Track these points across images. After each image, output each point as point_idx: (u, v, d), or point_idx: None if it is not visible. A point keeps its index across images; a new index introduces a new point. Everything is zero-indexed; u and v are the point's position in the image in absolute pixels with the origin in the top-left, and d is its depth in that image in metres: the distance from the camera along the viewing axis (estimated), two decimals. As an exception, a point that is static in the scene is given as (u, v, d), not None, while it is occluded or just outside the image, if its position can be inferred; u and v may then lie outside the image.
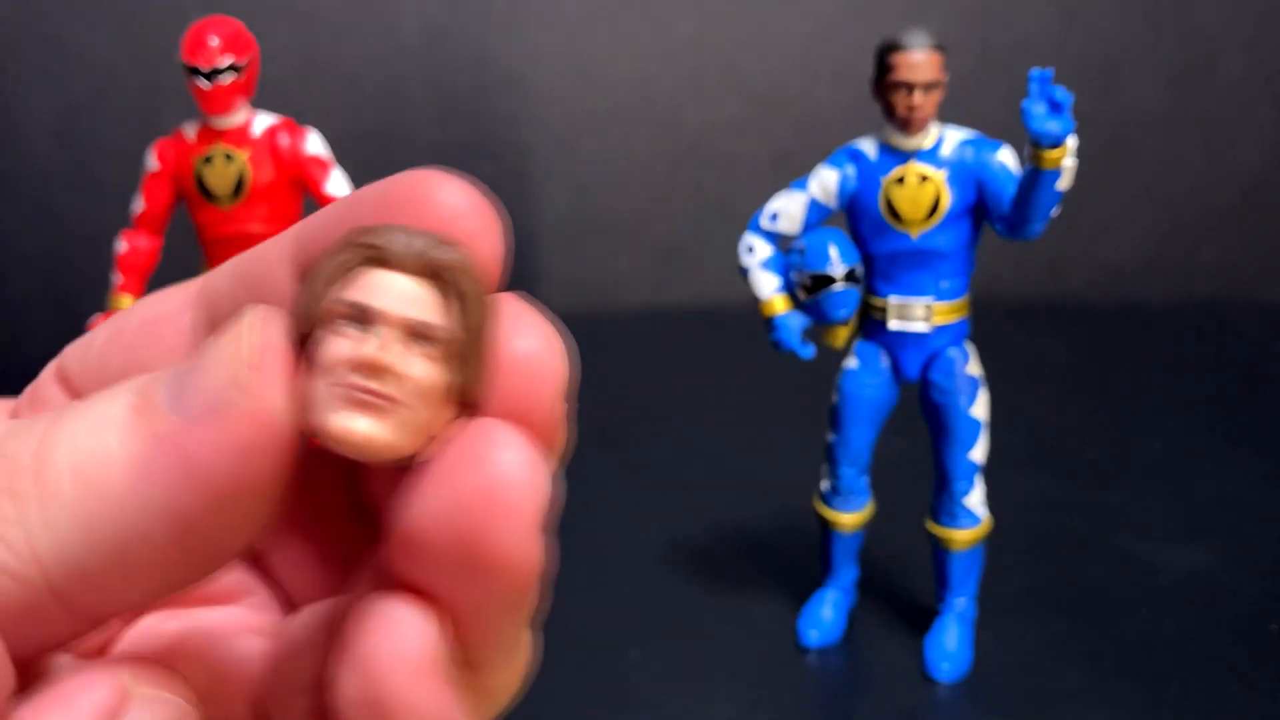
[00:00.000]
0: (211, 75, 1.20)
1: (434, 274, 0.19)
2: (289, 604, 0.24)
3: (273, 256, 0.22)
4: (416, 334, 0.19)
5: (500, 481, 0.18)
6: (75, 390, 0.23)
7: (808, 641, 1.23)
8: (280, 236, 0.22)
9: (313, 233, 0.21)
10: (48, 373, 0.24)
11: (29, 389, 0.24)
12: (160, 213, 1.31)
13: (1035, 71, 0.97)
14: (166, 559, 0.18)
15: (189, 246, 1.33)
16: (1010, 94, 1.27)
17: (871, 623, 1.28)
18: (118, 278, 1.32)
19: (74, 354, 0.24)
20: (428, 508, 0.18)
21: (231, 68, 1.21)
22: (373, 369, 0.19)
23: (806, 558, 1.36)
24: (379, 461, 0.19)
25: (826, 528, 1.24)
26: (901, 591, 1.33)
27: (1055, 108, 0.97)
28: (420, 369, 0.19)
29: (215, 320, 0.22)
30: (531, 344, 0.20)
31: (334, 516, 0.24)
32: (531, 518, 0.18)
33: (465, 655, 0.19)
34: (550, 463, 0.20)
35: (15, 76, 2.20)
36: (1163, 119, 2.39)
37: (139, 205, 1.31)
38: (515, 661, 0.21)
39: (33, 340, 2.08)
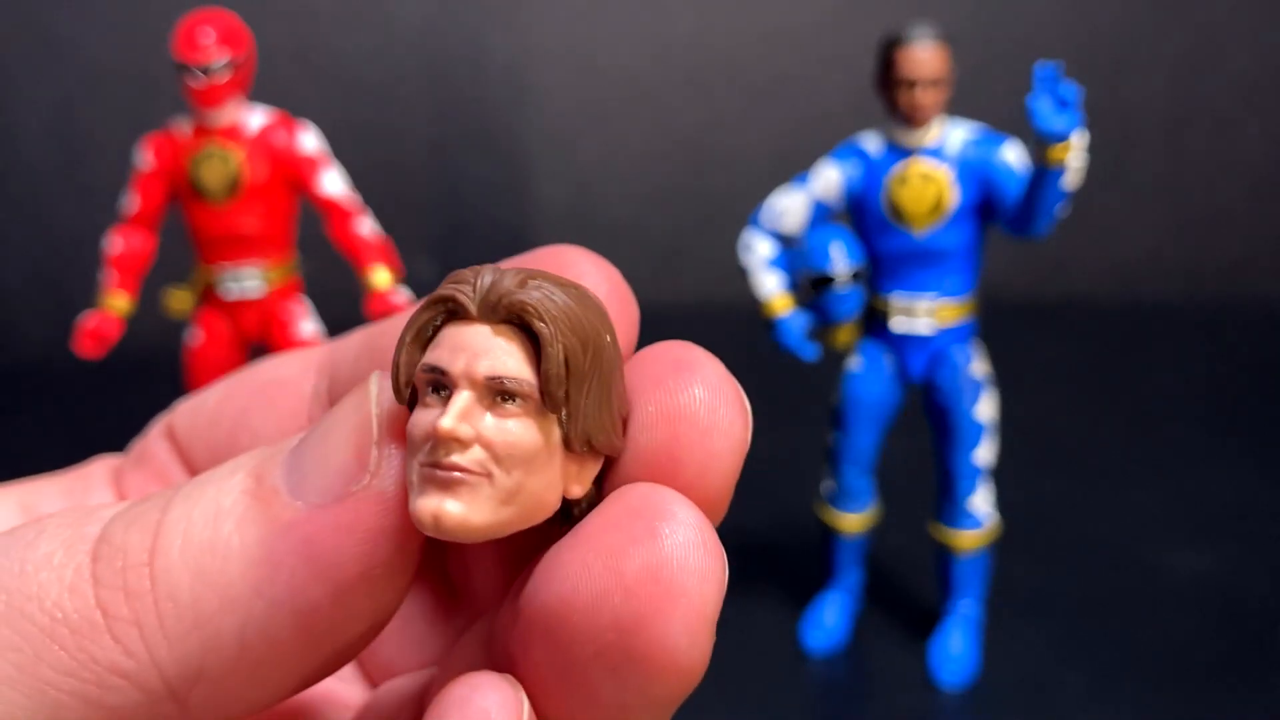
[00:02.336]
0: (206, 71, 1.18)
1: (514, 318, 0.17)
2: (372, 677, 0.23)
3: (400, 328, 0.20)
4: (497, 390, 0.17)
5: (671, 562, 0.15)
6: (183, 449, 0.23)
7: (810, 646, 1.21)
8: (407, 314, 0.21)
9: None
10: (156, 429, 0.23)
11: (137, 446, 0.23)
12: (154, 211, 1.29)
13: (1040, 67, 0.95)
14: (290, 656, 0.17)
15: (182, 245, 1.32)
16: (1016, 89, 1.25)
17: (876, 627, 1.26)
18: (111, 276, 1.29)
19: (184, 411, 0.23)
20: (577, 584, 0.16)
21: (227, 64, 1.19)
22: (442, 441, 0.17)
23: (810, 561, 1.34)
24: (487, 538, 0.17)
25: (829, 531, 1.22)
26: (907, 595, 1.31)
27: (1062, 104, 0.95)
28: (512, 430, 0.17)
29: (338, 391, 0.21)
30: (703, 395, 0.18)
31: (419, 587, 0.23)
32: (705, 609, 0.16)
33: None
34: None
35: (6, 72, 2.18)
36: (1169, 116, 2.37)
37: (132, 203, 1.29)
38: None
39: (23, 337, 2.06)
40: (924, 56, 1.04)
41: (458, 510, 0.16)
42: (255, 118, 1.25)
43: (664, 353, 0.19)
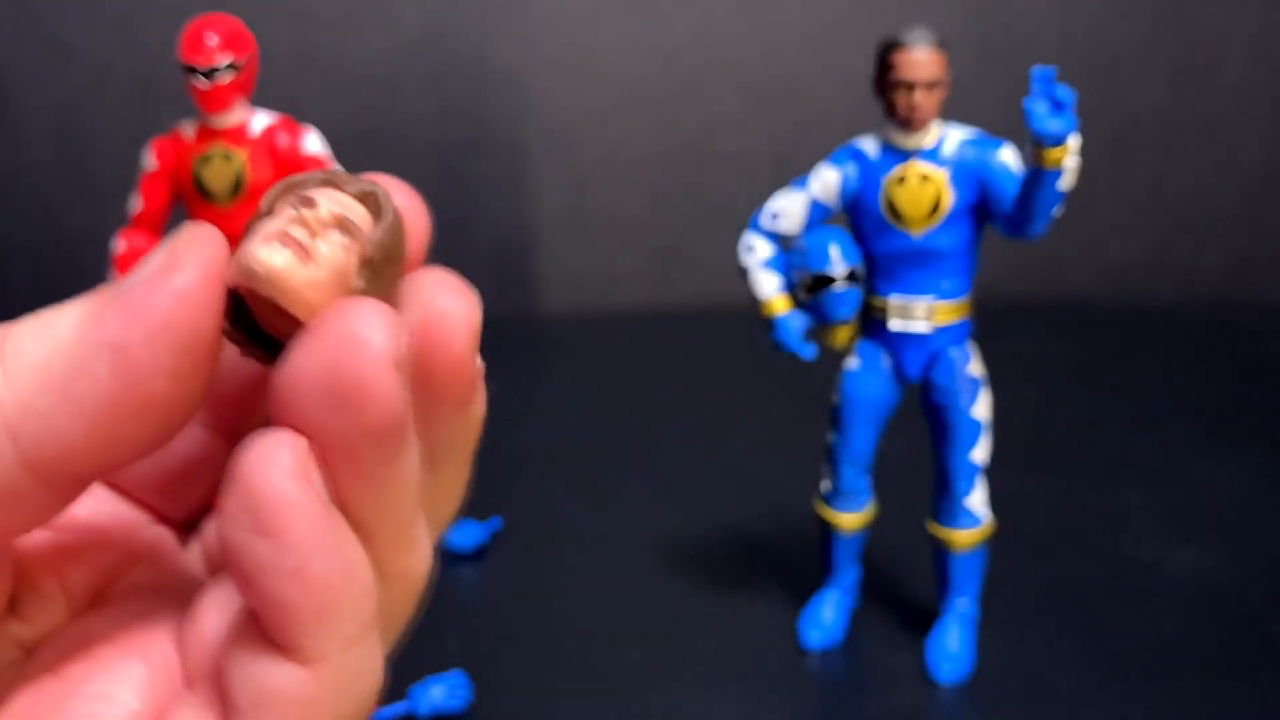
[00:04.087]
0: (210, 74, 1.20)
1: (369, 200, 0.23)
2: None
3: None
4: (343, 226, 0.22)
5: (360, 327, 0.20)
6: None
7: (809, 643, 1.23)
8: None
9: None
10: None
11: None
12: (158, 212, 1.30)
13: (1037, 70, 0.96)
14: (110, 400, 0.20)
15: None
16: (1012, 92, 1.26)
17: (873, 624, 1.27)
18: (116, 277, 1.31)
19: None
20: (300, 356, 0.20)
21: (230, 66, 1.21)
22: (301, 223, 0.21)
23: (807, 559, 1.36)
24: (281, 302, 0.21)
25: (827, 529, 1.24)
26: (903, 593, 1.32)
27: (1057, 106, 0.96)
28: (338, 250, 0.22)
29: None
30: (452, 302, 0.22)
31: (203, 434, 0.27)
32: (387, 356, 0.20)
33: (338, 496, 0.21)
34: (475, 409, 0.24)
35: (11, 74, 2.20)
36: (1165, 118, 2.39)
37: (137, 205, 1.30)
38: (410, 546, 0.23)
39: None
40: (921, 60, 1.05)
41: (289, 262, 0.21)
42: (259, 120, 1.27)
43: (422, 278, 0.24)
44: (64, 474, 0.20)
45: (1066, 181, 1.00)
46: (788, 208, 1.14)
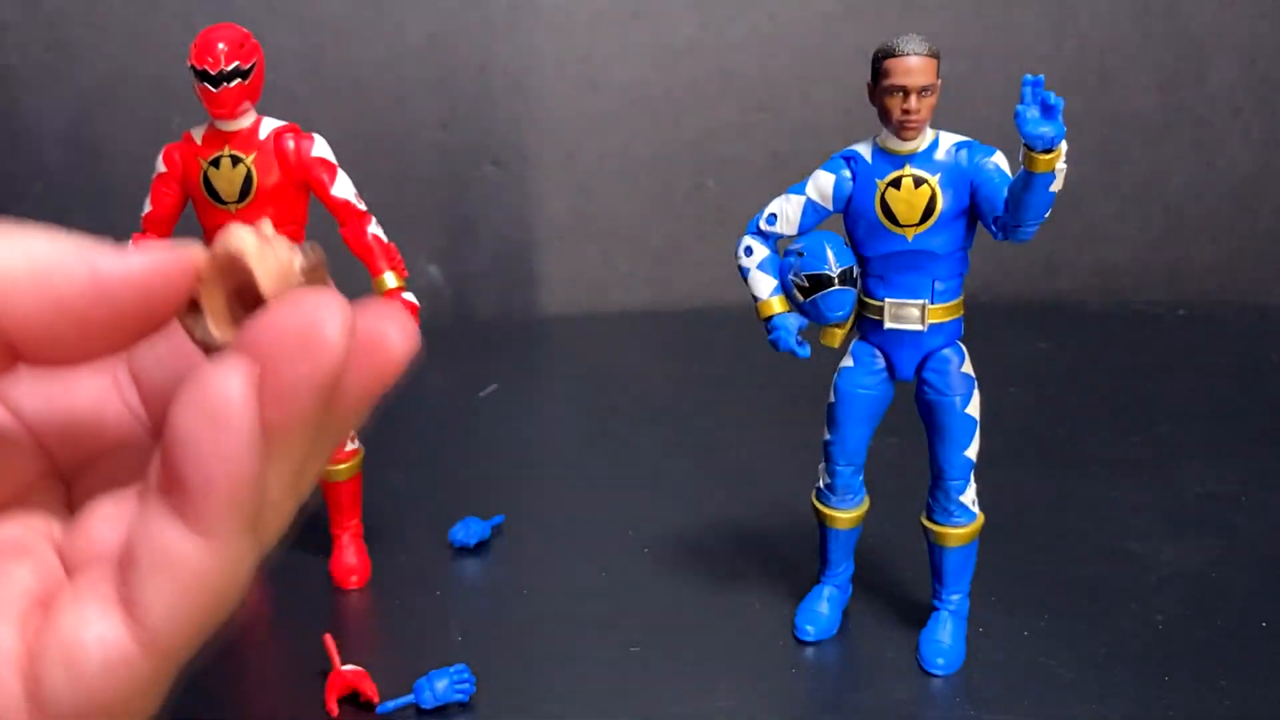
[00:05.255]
0: (218, 79, 1.22)
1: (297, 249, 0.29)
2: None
3: None
4: (285, 243, 0.28)
5: (330, 302, 0.25)
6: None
7: (804, 636, 1.25)
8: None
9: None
10: None
11: None
12: (167, 215, 1.33)
13: (1028, 77, 0.99)
14: (82, 299, 0.25)
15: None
16: (1004, 99, 1.29)
17: (867, 617, 1.29)
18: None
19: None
20: (278, 309, 0.25)
21: (237, 72, 1.23)
22: (257, 233, 0.28)
23: (803, 554, 1.38)
24: (253, 268, 0.27)
25: (823, 525, 1.26)
26: (896, 587, 1.35)
27: (1048, 112, 0.98)
28: (287, 250, 0.28)
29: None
30: (394, 334, 0.27)
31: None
32: (347, 326, 0.25)
33: (263, 422, 0.25)
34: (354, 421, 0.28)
35: (25, 81, 2.22)
36: (1155, 123, 2.41)
37: (147, 208, 1.33)
38: (291, 487, 0.27)
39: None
40: (914, 66, 1.08)
41: (255, 241, 0.27)
42: (266, 125, 1.30)
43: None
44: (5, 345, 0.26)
45: (1056, 185, 1.03)
46: (784, 211, 1.17)
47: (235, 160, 1.28)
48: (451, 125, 2.32)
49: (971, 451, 1.17)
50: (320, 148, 1.30)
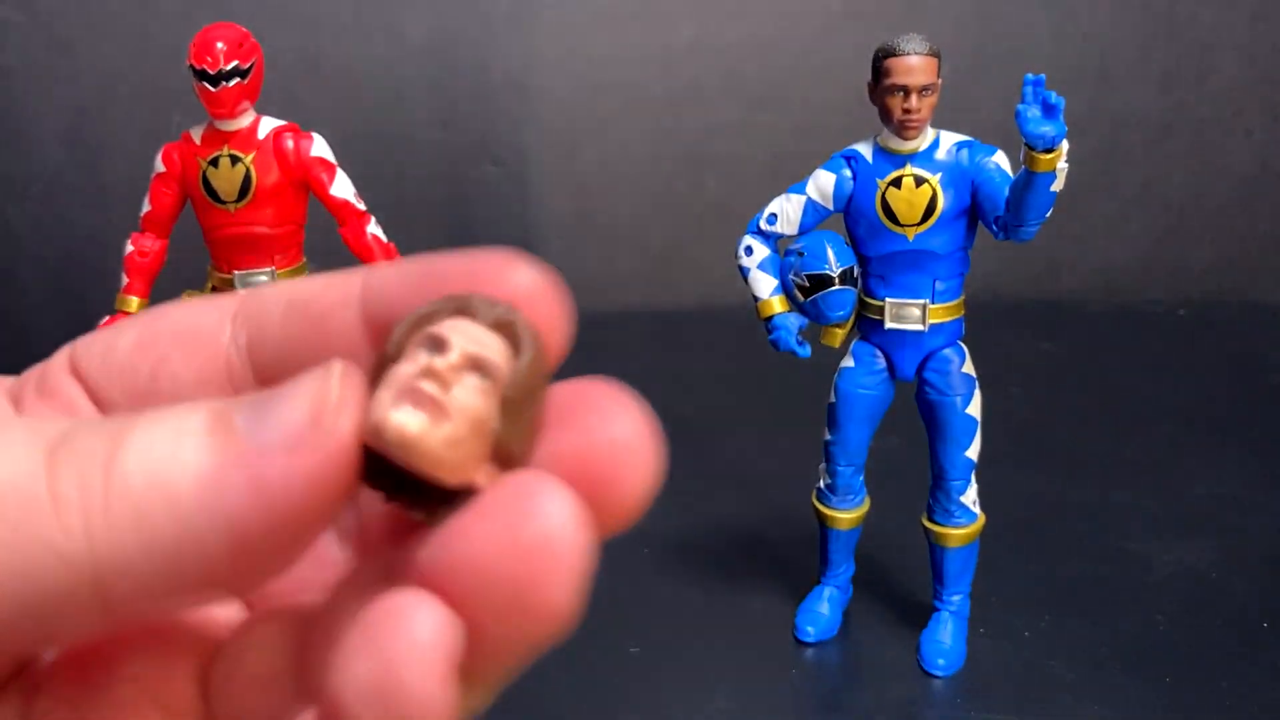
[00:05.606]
0: (217, 79, 1.22)
1: (506, 330, 0.20)
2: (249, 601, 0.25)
3: (334, 299, 0.22)
4: (478, 367, 0.20)
5: (557, 535, 0.18)
6: (94, 391, 0.23)
7: (805, 637, 1.25)
8: (340, 279, 0.22)
9: (384, 284, 0.22)
10: (60, 362, 0.24)
11: (36, 374, 0.24)
12: (166, 215, 1.33)
13: (1029, 76, 0.99)
14: (214, 572, 0.19)
15: (195, 248, 1.35)
16: (1005, 98, 1.29)
17: (867, 618, 1.29)
18: (125, 279, 1.34)
19: (93, 355, 0.24)
20: (483, 544, 0.18)
21: (236, 72, 1.23)
22: (432, 375, 0.19)
23: (804, 554, 1.38)
24: (420, 468, 0.19)
25: (824, 525, 1.26)
26: (897, 587, 1.34)
27: (1049, 111, 0.98)
28: (475, 396, 0.19)
29: (261, 346, 0.23)
30: (625, 432, 0.20)
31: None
32: (581, 576, 0.18)
33: (469, 668, 0.19)
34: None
35: (24, 80, 2.22)
36: (1156, 122, 2.41)
37: (146, 207, 1.33)
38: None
39: (42, 341, 2.09)
40: (915, 66, 1.08)
41: (424, 426, 0.19)
42: (265, 124, 1.29)
43: (590, 389, 0.21)
44: (130, 616, 0.19)
45: (1058, 185, 1.02)
46: (785, 211, 1.17)
47: (234, 160, 1.28)
48: (451, 125, 2.32)
49: (972, 452, 1.17)
50: (319, 147, 1.30)
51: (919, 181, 1.11)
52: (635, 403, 0.20)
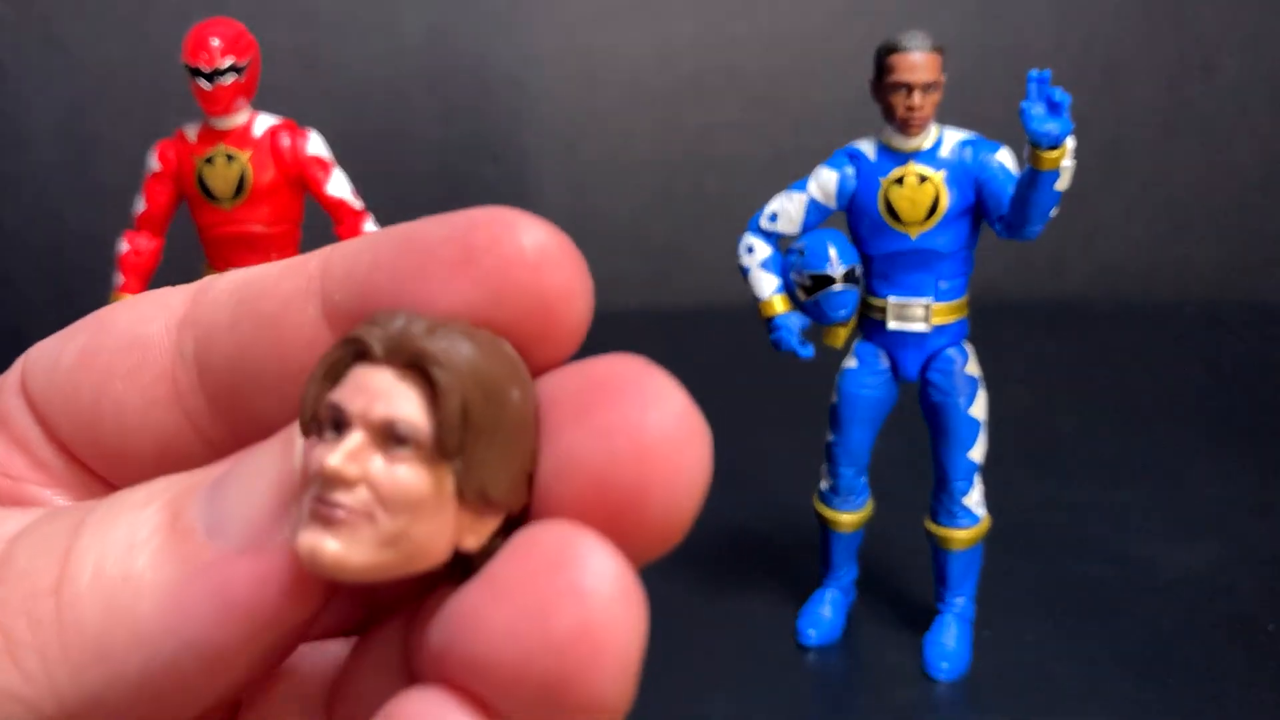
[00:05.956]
0: (213, 76, 1.21)
1: (416, 364, 0.17)
2: None
3: (290, 289, 0.19)
4: (390, 434, 0.17)
5: (599, 621, 0.15)
6: (41, 414, 0.21)
7: (807, 640, 1.24)
8: (289, 269, 0.20)
9: (349, 268, 0.19)
10: (11, 382, 0.22)
11: None
12: (161, 213, 1.31)
13: (1034, 73, 0.97)
14: (192, 691, 0.17)
15: (190, 246, 1.34)
16: (1009, 95, 1.27)
17: (871, 621, 1.28)
18: (119, 278, 1.32)
19: (39, 370, 0.22)
20: (503, 644, 0.15)
21: (233, 69, 1.22)
22: (328, 479, 0.16)
23: (806, 557, 1.36)
24: (367, 581, 0.17)
25: (826, 527, 1.24)
26: (900, 590, 1.33)
27: (1054, 108, 0.97)
28: (399, 474, 0.16)
29: (209, 355, 0.20)
30: (662, 424, 0.16)
31: None
32: (631, 661, 0.15)
33: None
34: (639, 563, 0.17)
35: (17, 76, 2.20)
36: (1161, 120, 2.40)
37: (140, 206, 1.31)
38: None
39: (34, 338, 2.08)
40: (918, 63, 1.06)
41: (334, 549, 0.16)
42: (261, 122, 1.28)
43: (613, 373, 0.17)
44: None
45: (1063, 183, 1.01)
46: (786, 209, 1.15)
47: (230, 158, 1.26)
48: (449, 122, 2.30)
49: (975, 453, 1.16)
50: (316, 145, 1.29)
51: (922, 179, 1.10)
52: (671, 383, 0.16)
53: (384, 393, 0.17)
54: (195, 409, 0.20)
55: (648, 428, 0.16)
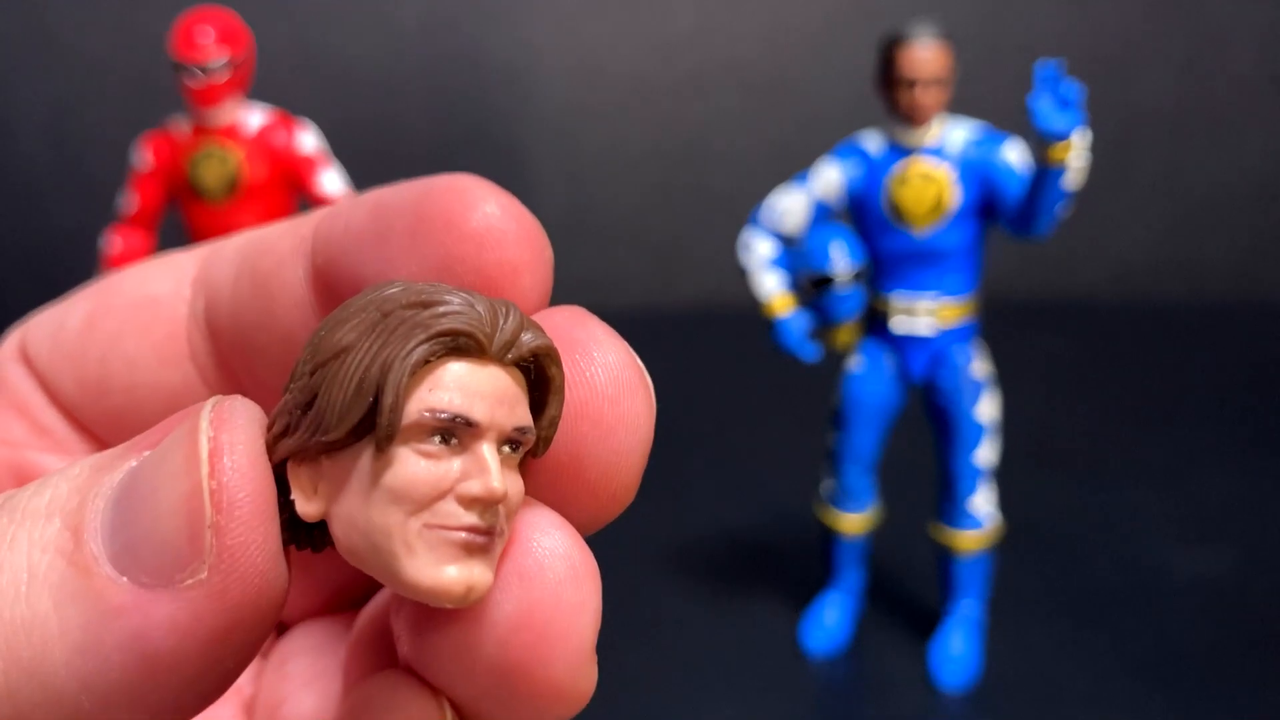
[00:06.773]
0: (204, 70, 1.18)
1: (526, 362, 0.16)
2: None
3: (286, 249, 0.19)
4: (513, 441, 0.15)
5: (544, 606, 0.15)
6: (44, 378, 0.21)
7: (810, 647, 1.21)
8: (290, 228, 0.20)
9: (332, 232, 0.19)
10: (9, 349, 0.21)
11: None
12: (153, 211, 1.29)
13: (1041, 66, 0.95)
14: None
15: (180, 244, 1.31)
16: (1019, 88, 1.25)
17: (878, 628, 1.26)
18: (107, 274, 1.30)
19: (41, 336, 0.21)
20: (455, 635, 0.15)
21: (227, 64, 1.19)
22: (489, 504, 0.15)
23: (811, 562, 1.34)
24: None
25: (828, 531, 1.22)
26: (908, 596, 1.31)
27: (1063, 103, 0.95)
28: (518, 484, 0.16)
29: (216, 313, 0.20)
30: (605, 386, 0.16)
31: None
32: (584, 645, 0.15)
33: None
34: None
35: (5, 70, 2.18)
36: (1172, 116, 2.37)
37: (130, 203, 1.28)
38: None
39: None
40: (925, 56, 1.04)
41: (487, 579, 0.15)
42: (254, 117, 1.25)
43: (555, 329, 0.17)
44: None
45: (1073, 179, 0.99)
46: (789, 205, 1.13)
47: (222, 155, 1.24)
48: (445, 116, 2.28)
49: (982, 456, 1.13)
50: (309, 141, 1.26)
51: (927, 176, 1.07)
52: (610, 333, 0.16)
53: (509, 399, 0.16)
54: (207, 368, 0.20)
55: (588, 382, 0.16)
